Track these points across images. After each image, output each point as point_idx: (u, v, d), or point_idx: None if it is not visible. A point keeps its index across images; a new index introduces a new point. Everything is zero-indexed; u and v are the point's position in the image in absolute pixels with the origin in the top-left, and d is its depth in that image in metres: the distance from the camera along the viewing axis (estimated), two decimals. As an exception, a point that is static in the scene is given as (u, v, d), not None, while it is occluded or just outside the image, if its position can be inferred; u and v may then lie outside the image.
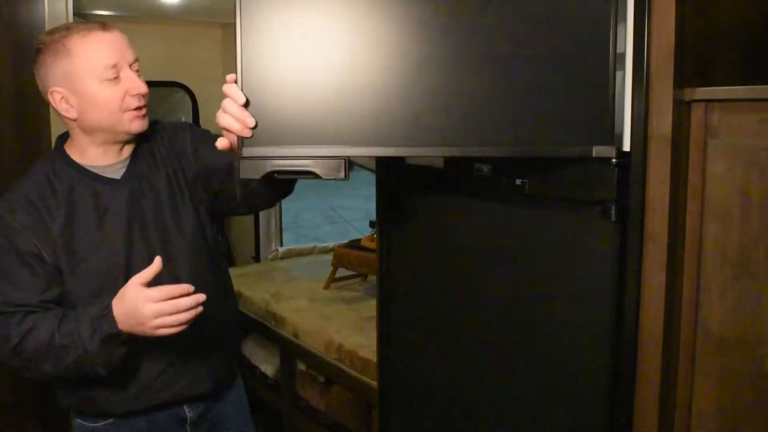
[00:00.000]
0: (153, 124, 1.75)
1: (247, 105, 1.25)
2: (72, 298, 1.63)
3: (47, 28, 2.84)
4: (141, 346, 1.58)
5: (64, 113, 1.62)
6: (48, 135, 2.86)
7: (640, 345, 1.34)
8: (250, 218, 4.72)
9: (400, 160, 1.80)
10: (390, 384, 1.98)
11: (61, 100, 1.60)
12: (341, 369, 2.95)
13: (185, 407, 1.77)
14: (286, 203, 4.94)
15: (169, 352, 1.69)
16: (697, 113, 1.28)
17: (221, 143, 1.32)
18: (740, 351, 1.25)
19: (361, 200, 13.17)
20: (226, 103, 1.26)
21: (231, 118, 1.25)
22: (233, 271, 4.34)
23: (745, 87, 1.24)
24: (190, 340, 1.58)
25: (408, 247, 1.87)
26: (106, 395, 1.68)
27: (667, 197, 1.29)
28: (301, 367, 3.40)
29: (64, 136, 1.73)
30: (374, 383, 2.42)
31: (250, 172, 1.27)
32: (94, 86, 1.58)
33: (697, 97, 1.27)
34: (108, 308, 1.50)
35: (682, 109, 1.28)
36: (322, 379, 3.28)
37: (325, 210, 12.58)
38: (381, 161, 1.91)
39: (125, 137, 1.67)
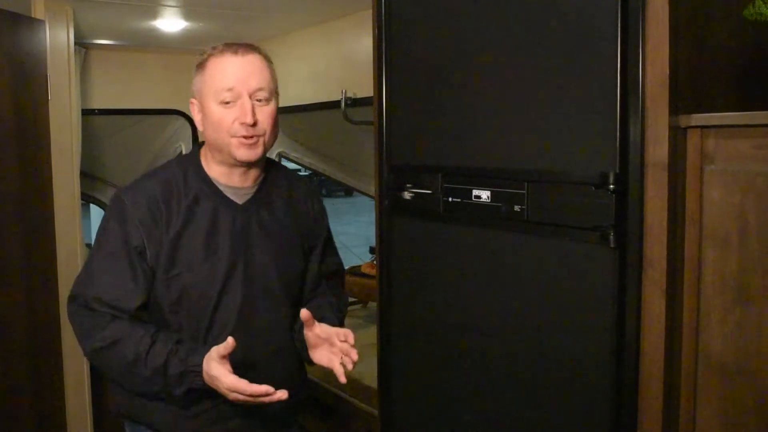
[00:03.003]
0: (298, 179, 1.89)
1: None
2: (155, 307, 1.67)
3: (49, 57, 2.88)
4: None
5: (196, 124, 1.72)
6: (48, 161, 2.88)
7: (642, 372, 1.34)
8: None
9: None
10: (391, 412, 1.97)
11: (194, 111, 1.72)
12: (342, 397, 2.93)
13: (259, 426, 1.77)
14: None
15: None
16: (693, 139, 1.29)
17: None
18: (742, 377, 1.25)
19: (361, 226, 13.17)
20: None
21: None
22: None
23: (740, 113, 1.25)
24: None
25: (408, 273, 1.87)
26: (159, 412, 1.70)
27: (665, 223, 1.29)
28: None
29: (202, 144, 1.79)
30: (375, 411, 2.40)
31: None
32: (212, 105, 1.65)
33: (693, 123, 1.28)
34: (199, 367, 1.55)
35: (678, 136, 1.29)
36: (322, 406, 3.25)
37: (326, 236, 12.57)
38: (381, 187, 1.92)
39: (235, 162, 1.69)
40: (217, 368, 1.50)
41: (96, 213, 5.56)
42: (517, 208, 1.50)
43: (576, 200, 1.39)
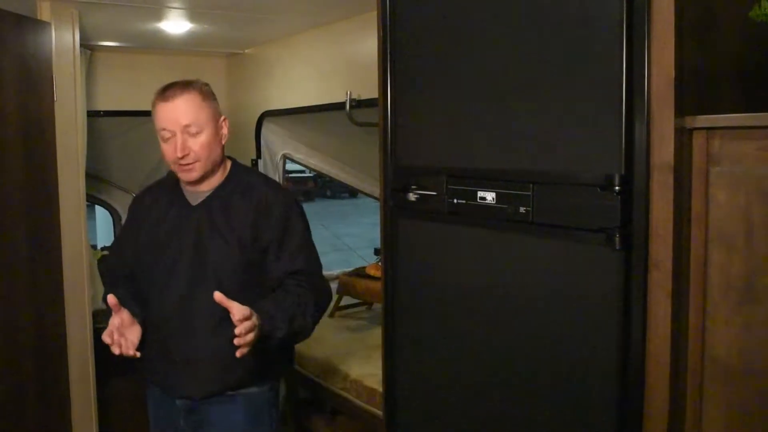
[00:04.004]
0: (258, 182, 2.10)
1: None
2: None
3: (54, 58, 2.89)
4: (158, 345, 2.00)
5: None
6: (54, 162, 2.89)
7: (648, 373, 1.34)
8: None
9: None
10: (396, 414, 1.97)
11: None
12: (347, 398, 2.93)
13: (176, 401, 2.06)
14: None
15: (174, 357, 2.01)
16: (698, 141, 1.29)
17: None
18: (748, 379, 1.24)
19: (366, 227, 13.16)
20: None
21: None
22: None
23: (746, 114, 1.25)
24: (186, 352, 1.98)
25: (413, 275, 1.87)
26: (147, 369, 2.09)
27: (670, 225, 1.29)
28: (306, 395, 3.38)
29: None
30: (380, 413, 2.40)
31: None
32: (160, 141, 2.02)
33: (699, 125, 1.28)
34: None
35: (683, 137, 1.29)
36: (327, 408, 3.26)
37: (330, 238, 12.57)
38: (386, 188, 1.92)
39: (186, 182, 2.05)
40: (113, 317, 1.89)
41: (101, 214, 5.56)
42: (522, 209, 1.50)
43: (581, 202, 1.39)
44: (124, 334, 1.90)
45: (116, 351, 1.87)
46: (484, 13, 1.59)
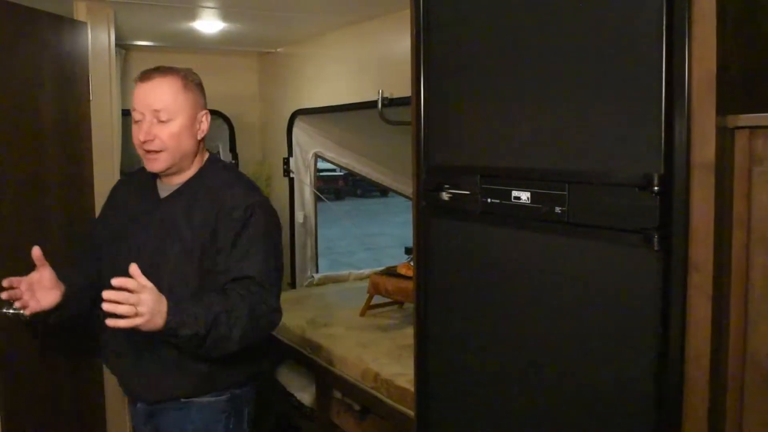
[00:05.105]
0: (229, 182, 1.98)
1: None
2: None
3: (90, 58, 2.93)
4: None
5: None
6: (90, 159, 2.93)
7: (687, 379, 1.31)
8: (287, 245, 4.74)
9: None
10: (428, 414, 1.96)
11: None
12: (377, 398, 2.92)
13: (137, 403, 2.04)
14: (321, 230, 4.98)
15: (123, 353, 1.97)
16: (741, 140, 1.26)
17: None
18: (791, 384, 1.21)
19: (395, 226, 13.15)
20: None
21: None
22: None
23: (790, 113, 1.22)
24: (138, 352, 1.92)
25: (446, 275, 1.85)
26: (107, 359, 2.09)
27: (711, 226, 1.26)
28: (337, 395, 3.38)
29: None
30: (411, 413, 2.39)
31: None
32: (132, 123, 1.93)
33: (741, 123, 1.25)
34: None
35: (725, 136, 1.26)
36: (357, 407, 3.25)
37: (360, 236, 12.58)
38: (418, 188, 1.90)
39: (150, 171, 1.96)
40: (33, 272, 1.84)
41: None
42: (557, 209, 1.48)
43: (619, 202, 1.36)
44: (35, 294, 1.81)
45: (4, 296, 1.79)
46: (520, 11, 1.56)
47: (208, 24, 3.70)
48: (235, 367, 1.96)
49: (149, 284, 1.65)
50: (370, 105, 3.55)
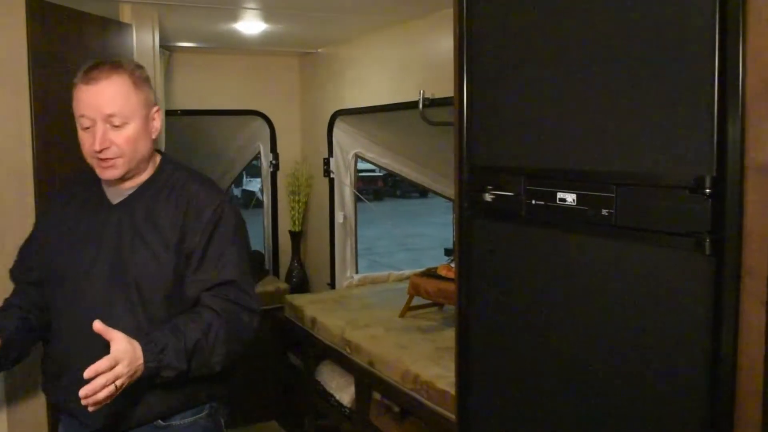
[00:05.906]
0: (189, 180, 1.84)
1: None
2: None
3: (135, 59, 2.97)
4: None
5: None
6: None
7: (738, 388, 1.26)
8: (326, 245, 4.76)
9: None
10: (469, 418, 1.94)
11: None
12: (417, 400, 2.91)
13: None
14: (360, 230, 4.99)
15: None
16: (798, 142, 1.21)
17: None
18: None
19: (435, 227, 13.12)
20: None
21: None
22: (308, 297, 4.39)
23: None
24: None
25: (488, 277, 1.83)
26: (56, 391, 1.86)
27: (766, 230, 1.22)
28: (376, 396, 3.37)
29: None
30: (452, 416, 2.37)
31: None
32: (78, 129, 1.76)
33: (799, 124, 1.20)
34: None
35: (782, 138, 1.21)
36: (397, 409, 3.24)
37: (399, 237, 12.59)
38: (461, 188, 1.88)
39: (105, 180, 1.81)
40: None
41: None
42: (604, 212, 1.44)
43: (669, 204, 1.32)
44: None
45: None
46: (567, 10, 1.54)
47: (250, 25, 3.73)
48: (215, 379, 1.82)
49: (117, 335, 1.53)
50: (411, 105, 3.54)
